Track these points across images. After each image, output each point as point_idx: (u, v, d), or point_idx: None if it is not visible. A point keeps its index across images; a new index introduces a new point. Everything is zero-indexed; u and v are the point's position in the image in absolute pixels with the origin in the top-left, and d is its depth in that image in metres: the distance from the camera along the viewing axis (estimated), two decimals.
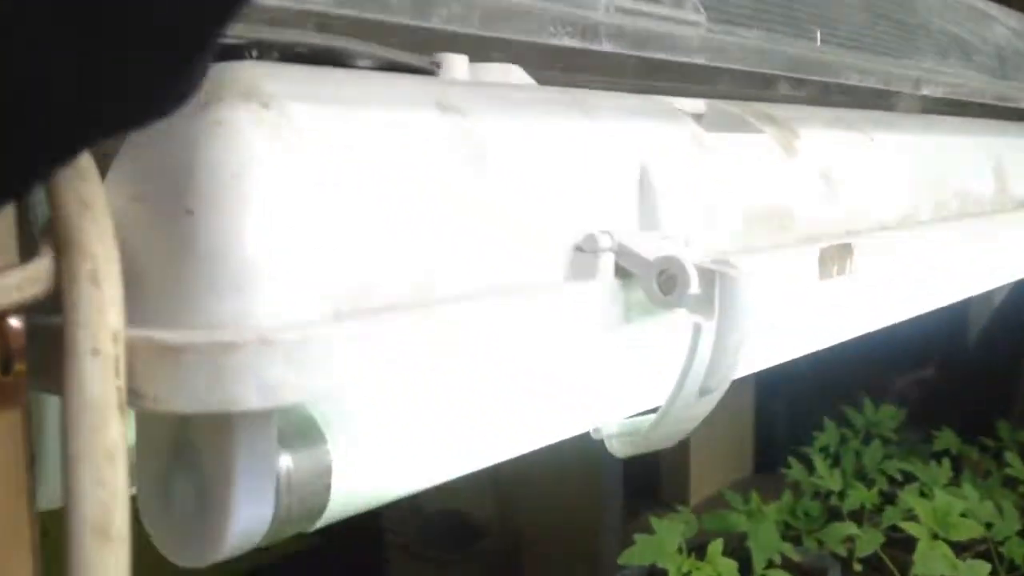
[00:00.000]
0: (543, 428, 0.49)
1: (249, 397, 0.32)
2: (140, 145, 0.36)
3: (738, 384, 0.50)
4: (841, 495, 2.21)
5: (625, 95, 0.57)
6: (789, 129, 0.67)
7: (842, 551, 2.11)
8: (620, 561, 1.83)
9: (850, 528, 2.01)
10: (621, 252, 0.47)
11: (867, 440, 2.47)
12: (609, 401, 0.51)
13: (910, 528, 1.88)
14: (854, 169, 0.71)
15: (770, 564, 1.96)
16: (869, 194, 0.72)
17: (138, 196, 0.35)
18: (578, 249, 0.46)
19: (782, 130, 0.66)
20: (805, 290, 0.58)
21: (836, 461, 2.36)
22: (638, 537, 1.84)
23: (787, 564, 1.98)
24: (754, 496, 2.13)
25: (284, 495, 0.39)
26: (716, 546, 1.85)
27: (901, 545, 1.98)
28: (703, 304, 0.45)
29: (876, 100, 0.92)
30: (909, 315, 0.81)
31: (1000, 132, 1.05)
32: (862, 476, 2.31)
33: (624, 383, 0.51)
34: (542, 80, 0.53)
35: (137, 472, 0.41)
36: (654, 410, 0.51)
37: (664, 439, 0.48)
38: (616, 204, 0.50)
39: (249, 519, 0.38)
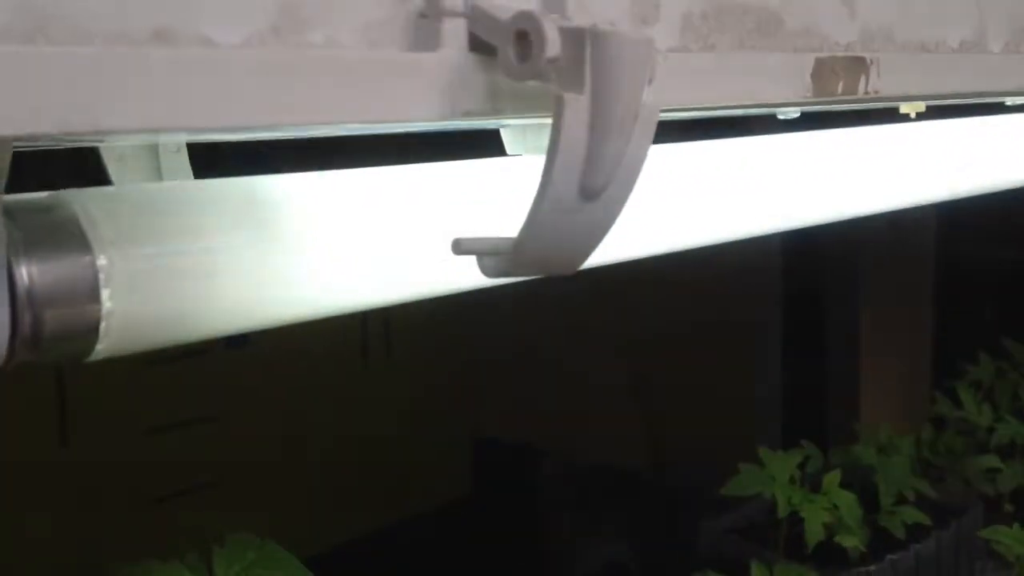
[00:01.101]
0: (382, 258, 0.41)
1: None
2: None
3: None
4: (990, 431, 2.01)
5: None
6: None
7: (989, 490, 1.92)
8: (724, 492, 1.72)
9: (992, 461, 1.82)
10: (476, 17, 0.38)
11: None
12: (470, 213, 0.43)
13: None
14: None
15: (902, 500, 1.80)
16: (905, 10, 0.59)
17: None
18: (421, 15, 0.38)
19: None
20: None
21: (989, 396, 2.15)
22: (743, 467, 1.72)
23: (922, 502, 1.81)
24: (885, 428, 1.96)
25: (23, 309, 0.34)
26: (833, 477, 1.71)
27: None
28: (570, 73, 0.36)
29: None
30: (968, 187, 0.68)
31: None
32: (1019, 412, 2.09)
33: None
34: None
35: None
36: None
37: (544, 258, 0.39)
38: None
39: None
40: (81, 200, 0.37)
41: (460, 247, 0.39)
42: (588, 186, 0.38)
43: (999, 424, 1.97)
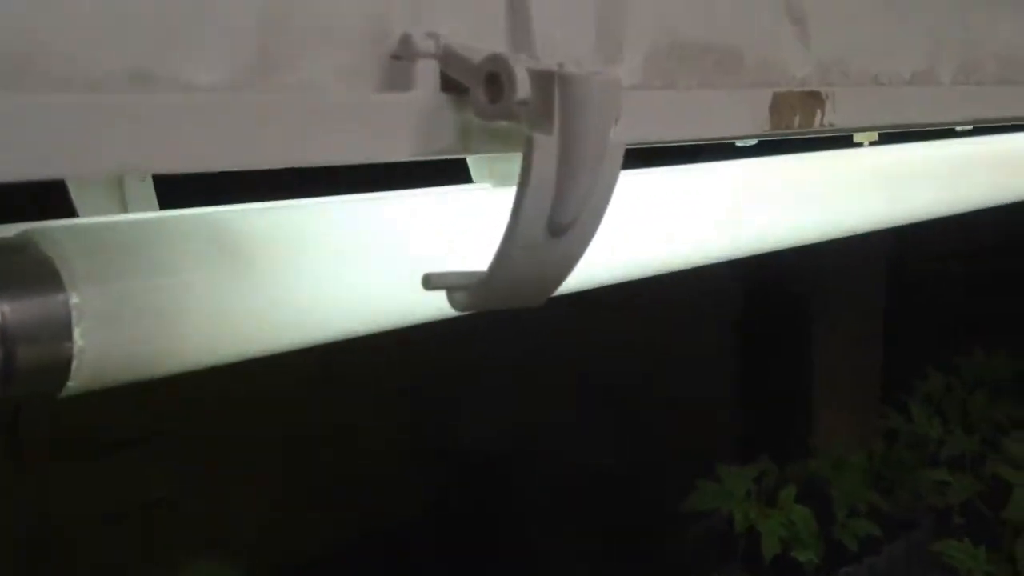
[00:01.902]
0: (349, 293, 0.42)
1: None
2: None
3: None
4: (940, 443, 2.06)
5: None
6: None
7: (939, 502, 1.96)
8: (685, 508, 1.74)
9: (942, 474, 1.86)
10: (448, 59, 0.38)
11: (978, 387, 2.30)
12: (438, 245, 0.43)
13: (1006, 473, 1.72)
14: (840, 9, 0.60)
15: (855, 514, 1.84)
16: (858, 43, 0.61)
17: None
18: (394, 57, 0.38)
19: None
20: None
21: (939, 410, 2.20)
22: (701, 483, 1.74)
23: (875, 514, 1.85)
24: (838, 443, 2.00)
25: None
26: (789, 492, 1.74)
27: (1005, 494, 1.82)
28: (539, 114, 0.37)
29: None
30: (917, 210, 0.70)
31: None
32: (967, 426, 2.14)
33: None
34: None
35: None
36: None
37: (513, 292, 0.40)
38: (474, 16, 0.42)
39: None
40: (54, 237, 0.37)
41: (430, 283, 0.40)
42: (556, 223, 0.39)
43: (948, 437, 2.01)
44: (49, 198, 0.52)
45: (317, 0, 0.37)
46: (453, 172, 0.62)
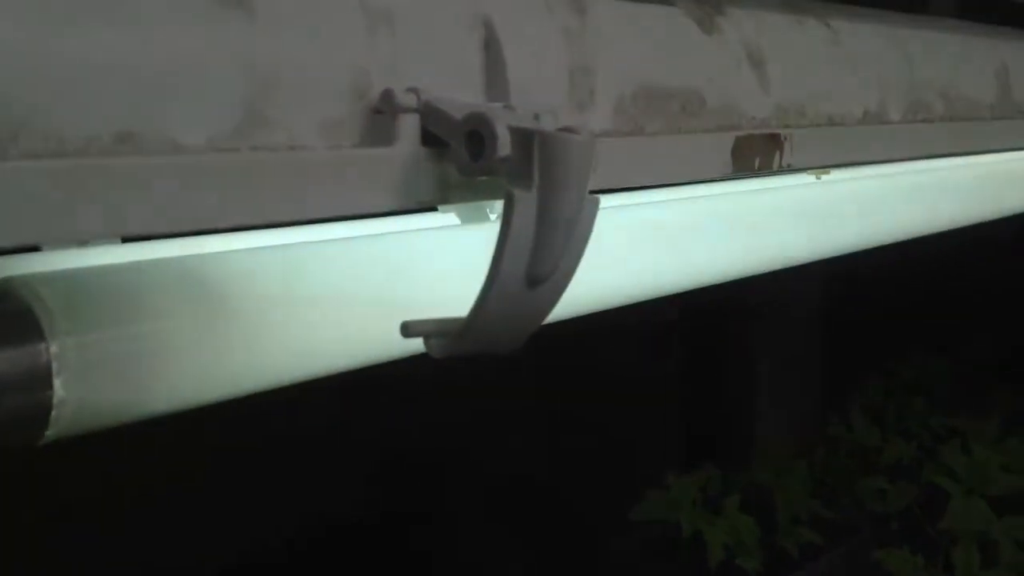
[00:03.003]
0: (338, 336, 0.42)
1: None
2: None
3: None
4: (879, 451, 2.11)
5: None
6: (712, 5, 0.58)
7: (879, 508, 2.01)
8: (633, 517, 1.76)
9: (881, 482, 1.91)
10: (428, 114, 0.39)
11: (917, 395, 2.36)
12: (417, 292, 0.44)
13: (943, 482, 1.77)
14: (795, 56, 0.62)
15: (797, 521, 1.88)
16: (813, 85, 0.63)
17: None
18: (376, 111, 0.39)
19: (702, 5, 0.57)
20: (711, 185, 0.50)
21: (878, 418, 2.25)
22: (649, 492, 1.77)
23: (817, 522, 1.89)
24: (781, 451, 2.04)
25: None
26: (733, 501, 1.77)
27: (943, 502, 1.87)
28: (519, 170, 0.38)
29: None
30: (869, 240, 0.72)
31: (1010, 37, 0.94)
32: (905, 433, 2.19)
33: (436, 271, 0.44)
34: None
35: None
36: None
37: (490, 339, 0.41)
38: (452, 68, 0.43)
39: None
40: (33, 286, 0.37)
41: (408, 330, 0.41)
42: (534, 274, 0.40)
43: (886, 445, 2.06)
44: None
45: (301, 56, 0.37)
46: None
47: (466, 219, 0.59)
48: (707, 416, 2.39)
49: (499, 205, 0.58)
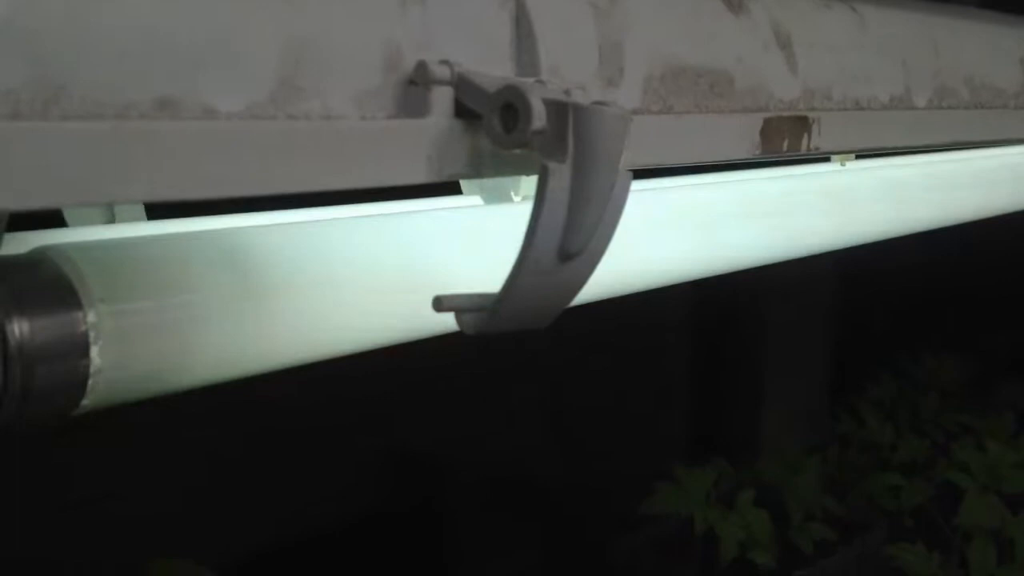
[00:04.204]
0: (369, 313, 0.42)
1: None
2: None
3: None
4: (893, 448, 2.10)
5: None
6: None
7: (892, 506, 2.01)
8: (643, 510, 1.76)
9: (895, 479, 1.90)
10: (462, 86, 0.39)
11: (930, 392, 2.35)
12: (451, 268, 0.44)
13: (958, 480, 1.76)
14: (822, 38, 0.62)
15: (810, 517, 1.87)
16: (840, 69, 0.63)
17: None
18: (410, 83, 0.39)
19: None
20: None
21: (891, 415, 2.24)
22: (661, 486, 1.76)
23: (829, 518, 1.88)
24: (792, 446, 2.03)
25: (14, 365, 0.34)
26: (747, 496, 1.77)
27: (954, 500, 1.87)
28: (553, 143, 0.38)
29: None
30: (893, 229, 0.72)
31: None
32: (918, 430, 2.19)
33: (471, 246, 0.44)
34: None
35: None
36: None
37: (522, 315, 0.41)
38: (482, 42, 0.43)
39: None
40: (67, 254, 0.37)
41: (441, 304, 0.41)
42: (567, 249, 0.40)
43: (900, 442, 2.05)
44: None
45: (335, 28, 0.37)
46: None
47: (490, 200, 0.59)
48: (714, 412, 2.39)
49: (523, 186, 0.59)
